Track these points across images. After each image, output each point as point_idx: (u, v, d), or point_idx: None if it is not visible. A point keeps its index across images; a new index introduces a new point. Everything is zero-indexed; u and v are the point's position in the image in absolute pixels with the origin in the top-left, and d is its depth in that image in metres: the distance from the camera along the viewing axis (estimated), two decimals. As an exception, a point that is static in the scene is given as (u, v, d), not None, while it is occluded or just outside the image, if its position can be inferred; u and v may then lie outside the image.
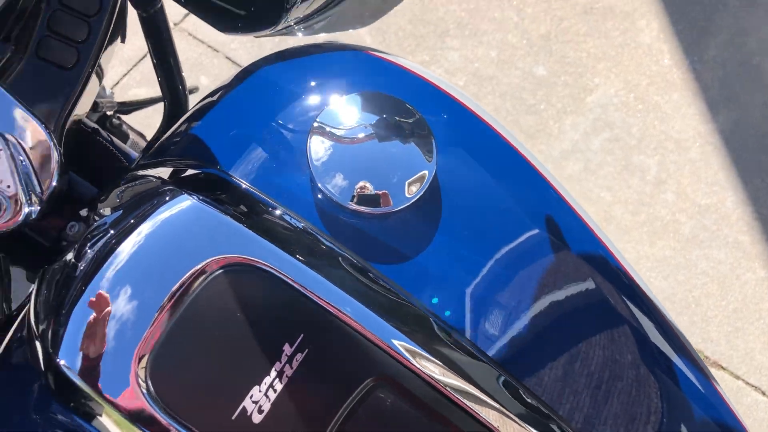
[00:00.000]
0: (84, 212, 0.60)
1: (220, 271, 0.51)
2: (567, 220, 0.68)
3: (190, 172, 0.63)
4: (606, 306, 0.66)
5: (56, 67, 0.57)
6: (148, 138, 1.02)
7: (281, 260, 0.52)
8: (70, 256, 0.56)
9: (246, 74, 0.75)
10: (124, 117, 1.05)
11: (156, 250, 0.52)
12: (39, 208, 0.53)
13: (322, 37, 0.98)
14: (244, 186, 0.61)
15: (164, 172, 0.64)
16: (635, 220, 1.87)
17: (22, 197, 0.51)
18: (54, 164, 0.55)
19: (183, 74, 1.01)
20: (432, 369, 0.53)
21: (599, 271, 0.67)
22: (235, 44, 2.12)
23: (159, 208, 0.53)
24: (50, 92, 0.57)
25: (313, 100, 0.67)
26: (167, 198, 0.54)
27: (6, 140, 0.51)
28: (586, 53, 2.07)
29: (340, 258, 0.57)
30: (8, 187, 0.51)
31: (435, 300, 0.59)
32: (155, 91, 1.19)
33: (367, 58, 0.74)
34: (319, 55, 0.75)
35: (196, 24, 1.95)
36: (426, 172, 0.60)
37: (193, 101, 1.01)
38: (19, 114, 0.54)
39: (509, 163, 0.67)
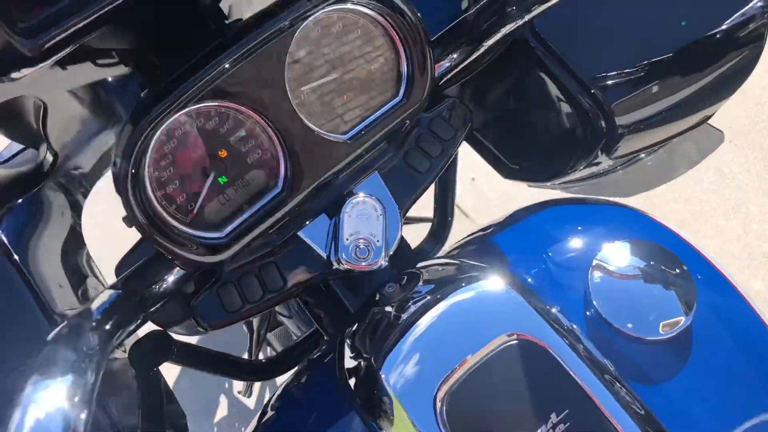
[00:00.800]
0: (404, 280, 0.77)
1: (515, 341, 0.65)
2: None
3: (478, 265, 0.79)
4: None
5: (413, 170, 0.78)
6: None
7: (560, 347, 0.65)
8: (389, 308, 0.73)
9: (526, 213, 0.91)
10: None
11: (465, 314, 0.67)
12: (387, 264, 0.71)
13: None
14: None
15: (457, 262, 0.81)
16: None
17: (382, 252, 0.70)
18: (397, 238, 0.74)
19: (455, 204, 1.22)
20: None
21: None
22: (461, 189, 2.38)
23: (473, 282, 0.69)
24: (404, 188, 0.77)
25: (588, 240, 0.82)
26: (481, 276, 0.70)
27: (385, 209, 0.71)
28: (809, 280, 2.05)
29: (599, 360, 0.68)
30: (377, 241, 0.70)
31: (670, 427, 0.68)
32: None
33: (634, 213, 0.88)
34: (593, 206, 0.91)
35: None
36: (683, 319, 0.71)
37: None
38: (385, 195, 0.74)
39: (759, 337, 0.76)
